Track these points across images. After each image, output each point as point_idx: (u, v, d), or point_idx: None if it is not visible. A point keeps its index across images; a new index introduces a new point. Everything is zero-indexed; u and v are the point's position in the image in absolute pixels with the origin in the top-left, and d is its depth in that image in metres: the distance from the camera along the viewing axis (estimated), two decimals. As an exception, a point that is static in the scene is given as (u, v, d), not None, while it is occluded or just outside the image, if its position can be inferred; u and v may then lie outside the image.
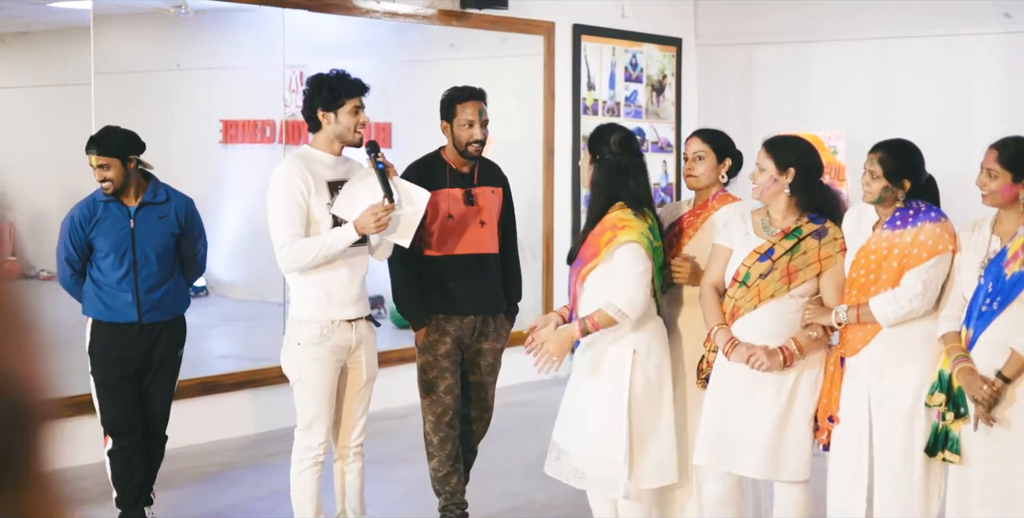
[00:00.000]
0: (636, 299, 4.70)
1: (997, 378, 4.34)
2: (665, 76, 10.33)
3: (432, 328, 5.41)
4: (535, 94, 9.36)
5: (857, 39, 9.87)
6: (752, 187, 4.80)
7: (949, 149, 8.03)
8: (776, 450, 4.72)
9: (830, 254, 4.71)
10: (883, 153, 4.60)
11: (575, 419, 4.96)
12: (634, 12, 9.98)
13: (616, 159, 4.85)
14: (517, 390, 8.54)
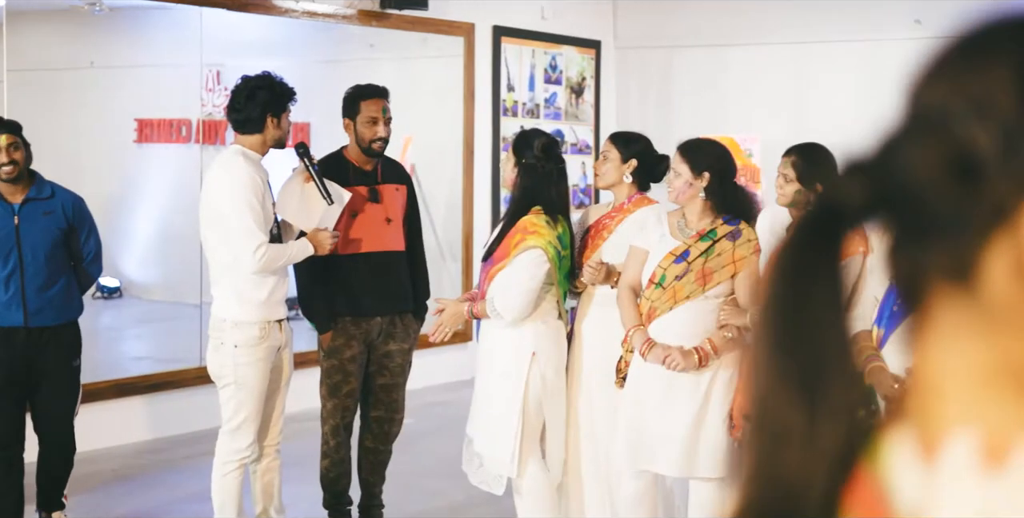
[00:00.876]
0: (514, 304, 4.91)
1: (908, 377, 4.41)
2: (584, 78, 10.38)
3: (338, 332, 5.38)
4: (455, 95, 9.36)
5: (773, 43, 9.97)
6: (668, 190, 4.86)
7: (862, 153, 8.13)
8: (693, 447, 4.77)
9: (744, 255, 4.77)
10: (796, 157, 4.67)
11: (478, 413, 5.16)
12: (554, 14, 10.01)
13: (539, 164, 5.00)
14: (437, 391, 8.55)
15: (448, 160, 9.43)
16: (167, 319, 9.27)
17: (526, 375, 4.97)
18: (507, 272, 4.95)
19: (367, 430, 5.62)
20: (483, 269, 5.10)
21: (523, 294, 4.92)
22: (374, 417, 5.58)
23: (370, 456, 5.62)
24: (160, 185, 9.01)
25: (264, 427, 5.17)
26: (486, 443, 5.08)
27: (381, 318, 5.44)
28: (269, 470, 5.22)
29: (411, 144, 9.52)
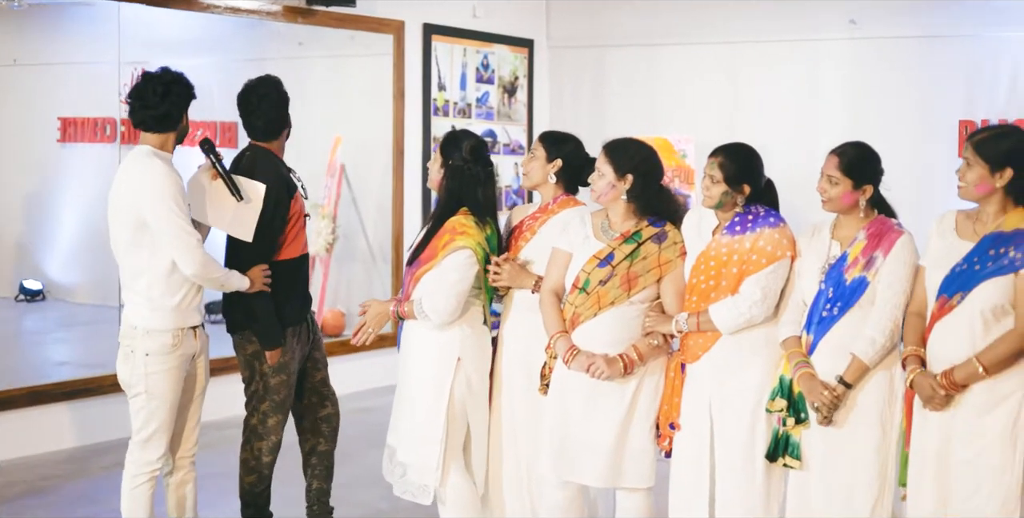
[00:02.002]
0: (442, 306, 4.80)
1: (838, 384, 4.33)
2: (517, 78, 10.25)
3: (285, 346, 5.19)
4: (385, 94, 9.20)
5: (708, 43, 9.89)
6: (591, 190, 4.74)
7: (797, 153, 8.08)
8: (618, 457, 4.66)
9: (670, 259, 4.66)
10: (722, 157, 4.56)
11: (399, 419, 5.03)
12: (486, 13, 9.88)
13: (467, 166, 4.91)
14: (361, 397, 8.39)
15: (378, 160, 9.27)
16: (91, 322, 9.04)
17: (451, 381, 4.86)
18: (435, 273, 4.83)
19: (317, 434, 5.42)
20: (408, 271, 4.96)
21: (452, 296, 4.80)
22: (324, 416, 5.42)
23: (325, 461, 5.43)
24: (84, 185, 8.81)
25: (177, 438, 4.99)
26: (410, 451, 4.94)
27: (306, 321, 5.32)
28: (183, 483, 5.05)
29: (341, 144, 9.37)
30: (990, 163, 4.12)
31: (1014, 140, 4.15)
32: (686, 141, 9.23)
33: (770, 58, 9.66)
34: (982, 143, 4.16)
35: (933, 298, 4.21)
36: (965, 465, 4.10)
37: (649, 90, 10.12)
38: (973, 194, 4.18)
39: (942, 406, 4.13)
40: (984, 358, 4.05)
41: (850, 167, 4.39)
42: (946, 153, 9.02)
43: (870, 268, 4.34)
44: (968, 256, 4.14)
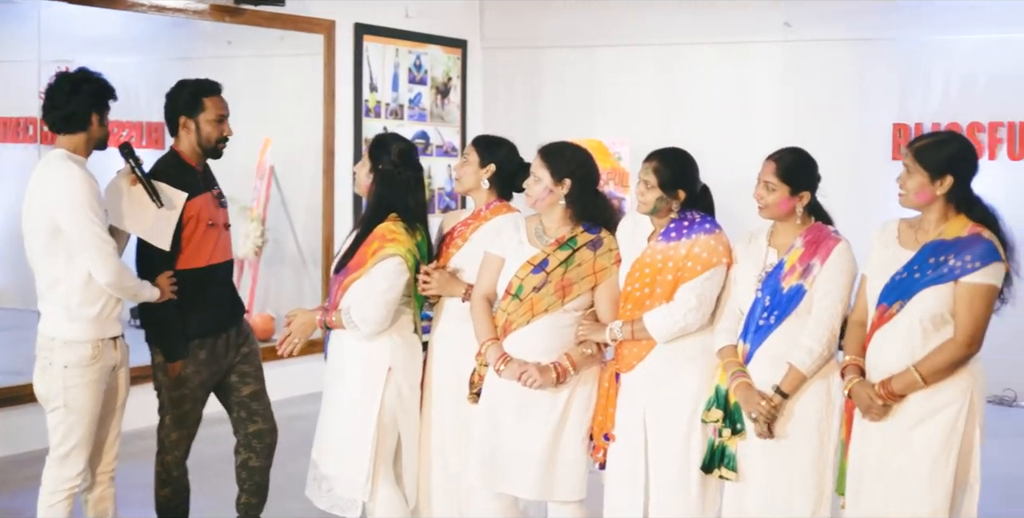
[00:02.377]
0: (371, 316, 4.69)
1: (775, 393, 4.26)
2: (450, 78, 10.14)
3: (187, 359, 4.99)
4: (315, 95, 9.06)
5: (642, 44, 9.86)
6: (526, 195, 4.63)
7: (731, 157, 8.02)
8: (550, 469, 4.56)
9: (605, 266, 4.56)
10: (657, 162, 4.48)
11: (326, 433, 4.90)
12: (418, 13, 9.77)
13: (397, 171, 4.80)
14: (289, 404, 8.23)
15: (308, 162, 9.13)
16: (12, 328, 8.82)
17: (382, 391, 4.75)
18: (364, 281, 4.71)
19: (248, 449, 5.23)
20: (336, 279, 4.83)
21: (382, 305, 4.69)
22: (254, 432, 5.22)
23: (256, 477, 5.24)
24: (3, 186, 8.60)
25: (97, 453, 4.82)
26: (337, 464, 4.82)
27: (227, 333, 5.10)
28: (103, 499, 4.87)
29: (270, 145, 9.23)
30: (930, 171, 4.05)
31: (954, 147, 4.09)
32: (620, 143, 9.16)
33: (705, 60, 9.65)
34: (922, 150, 4.09)
35: (873, 307, 4.14)
36: (900, 473, 4.05)
37: (583, 92, 10.06)
38: (913, 202, 4.12)
39: (880, 416, 4.07)
40: (922, 367, 3.99)
41: (787, 173, 4.32)
42: (880, 156, 9.06)
43: (807, 276, 4.27)
44: (908, 264, 4.08)
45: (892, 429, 4.08)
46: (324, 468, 4.86)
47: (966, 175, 4.08)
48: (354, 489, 4.77)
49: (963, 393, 4.03)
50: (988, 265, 3.95)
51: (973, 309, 3.96)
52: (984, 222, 4.05)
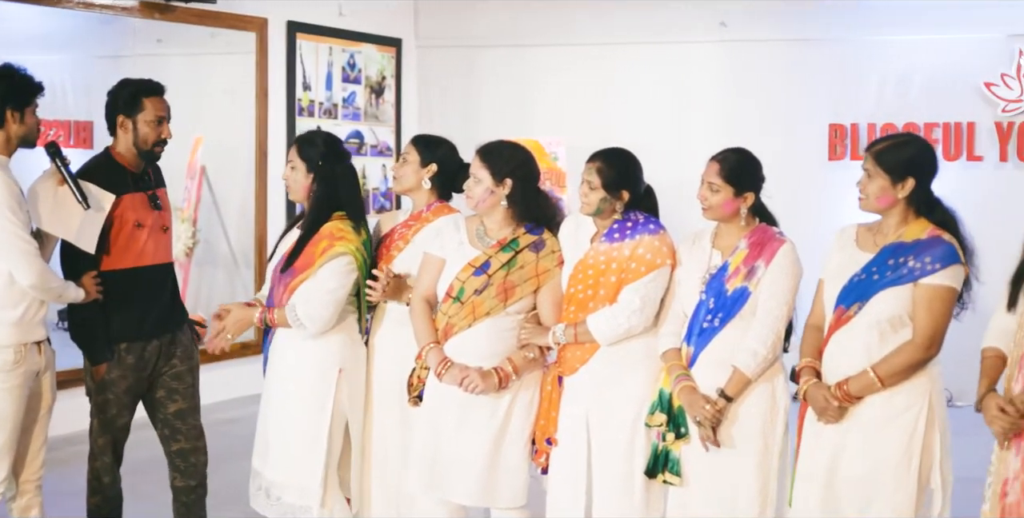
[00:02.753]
0: (318, 315, 4.60)
1: (719, 397, 4.20)
2: (385, 77, 10.03)
3: (113, 362, 4.82)
4: (247, 94, 8.92)
5: (579, 44, 9.80)
6: (467, 198, 4.54)
7: (668, 157, 7.97)
8: (491, 475, 4.48)
9: (548, 268, 4.49)
10: (601, 163, 4.41)
11: (271, 441, 4.77)
12: (352, 11, 9.65)
13: (332, 166, 4.72)
14: (225, 407, 8.11)
15: (240, 162, 8.99)
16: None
17: (334, 393, 4.65)
18: (313, 281, 4.61)
19: (173, 468, 5.05)
20: (281, 280, 4.70)
21: (330, 303, 4.60)
22: (176, 451, 5.02)
23: (182, 497, 5.06)
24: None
25: (21, 461, 4.66)
26: (288, 470, 4.69)
27: (159, 340, 4.94)
28: (28, 508, 4.72)
29: (202, 145, 9.07)
30: (891, 174, 4.00)
31: (914, 149, 4.05)
32: (557, 143, 9.11)
33: (641, 60, 9.62)
34: (883, 153, 4.03)
35: (831, 310, 4.08)
36: (858, 482, 3.98)
37: (520, 91, 10.00)
38: (875, 206, 4.06)
39: (836, 418, 4.01)
40: (880, 369, 3.94)
41: (731, 174, 4.26)
42: (816, 157, 9.06)
43: (752, 278, 4.22)
44: (867, 266, 4.02)
45: (847, 435, 4.02)
46: (272, 475, 4.73)
47: (927, 177, 4.03)
48: (307, 496, 4.66)
49: (921, 396, 3.98)
50: (948, 267, 3.91)
51: (932, 311, 3.92)
52: (944, 225, 4.01)
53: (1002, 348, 3.88)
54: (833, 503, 4.04)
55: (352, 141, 9.57)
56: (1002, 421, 3.71)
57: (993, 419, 3.72)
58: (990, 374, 3.86)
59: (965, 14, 8.64)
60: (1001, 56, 8.62)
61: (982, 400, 3.80)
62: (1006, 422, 3.70)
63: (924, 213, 4.03)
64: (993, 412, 3.72)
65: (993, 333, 3.94)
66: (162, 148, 4.89)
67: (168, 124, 4.90)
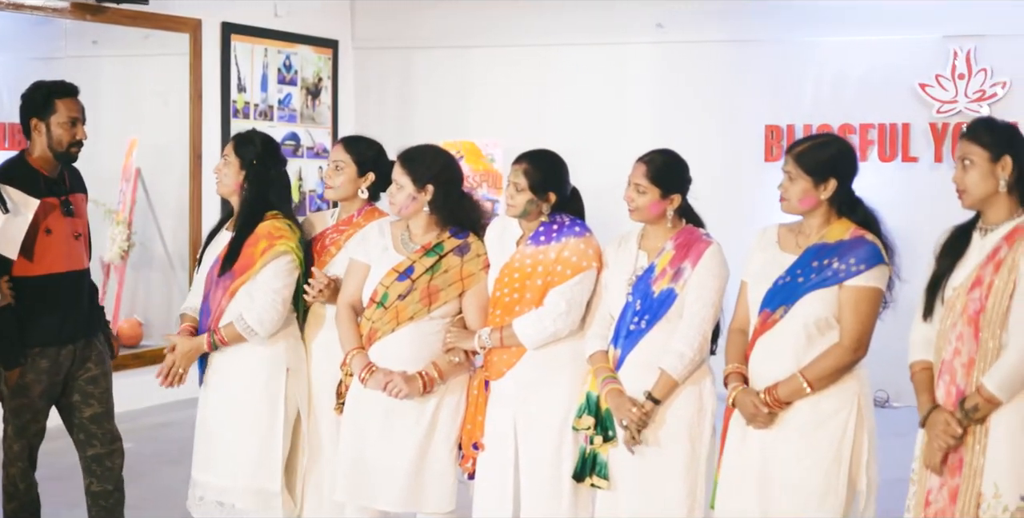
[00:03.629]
0: (268, 317, 4.55)
1: (646, 400, 4.17)
2: (321, 79, 9.96)
3: (27, 367, 4.73)
4: (181, 95, 8.83)
5: (516, 45, 9.77)
6: (390, 204, 4.50)
7: (606, 159, 7.96)
8: (418, 481, 4.44)
9: (473, 272, 4.45)
10: (527, 164, 4.38)
11: (219, 447, 4.67)
12: (287, 12, 9.57)
13: (266, 166, 4.68)
14: (158, 411, 8.02)
15: (175, 164, 8.90)
16: None
17: (284, 394, 4.60)
18: (256, 283, 4.55)
19: (90, 474, 4.96)
20: (219, 283, 4.63)
21: (279, 303, 4.55)
22: (92, 456, 4.93)
23: (100, 501, 4.96)
24: None
25: None
26: (243, 477, 4.60)
27: (73, 346, 4.84)
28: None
29: (136, 147, 8.98)
30: (813, 176, 3.97)
31: (834, 149, 4.02)
32: (494, 145, 9.08)
33: (579, 61, 9.60)
34: (803, 155, 4.00)
35: (756, 313, 4.05)
36: (790, 488, 3.95)
37: (457, 93, 9.96)
38: (797, 208, 4.02)
39: (766, 424, 3.97)
40: (808, 373, 3.90)
41: (658, 175, 4.24)
42: (753, 158, 9.08)
43: (678, 280, 4.19)
44: (791, 268, 3.99)
45: (776, 441, 3.98)
46: (223, 482, 4.64)
47: (848, 177, 4.01)
48: (265, 500, 4.61)
49: (850, 400, 3.95)
50: (873, 268, 3.89)
51: (859, 313, 3.90)
52: (866, 224, 3.99)
53: (930, 359, 3.83)
54: (764, 508, 4.00)
55: (288, 143, 9.50)
56: (949, 437, 3.67)
57: (940, 434, 3.69)
58: (928, 389, 3.81)
59: (901, 15, 8.69)
60: (936, 57, 8.67)
61: (928, 416, 3.77)
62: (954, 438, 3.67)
63: (846, 213, 4.02)
64: (942, 427, 3.69)
65: (917, 345, 3.89)
66: (78, 150, 4.81)
67: (83, 125, 4.81)
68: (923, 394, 3.82)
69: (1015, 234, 3.65)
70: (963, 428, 3.63)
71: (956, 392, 3.68)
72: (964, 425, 3.63)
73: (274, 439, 4.60)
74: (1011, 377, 3.56)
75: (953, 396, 3.68)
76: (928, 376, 3.83)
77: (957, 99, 8.58)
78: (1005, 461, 3.58)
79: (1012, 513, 3.56)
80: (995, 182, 3.69)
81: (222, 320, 4.62)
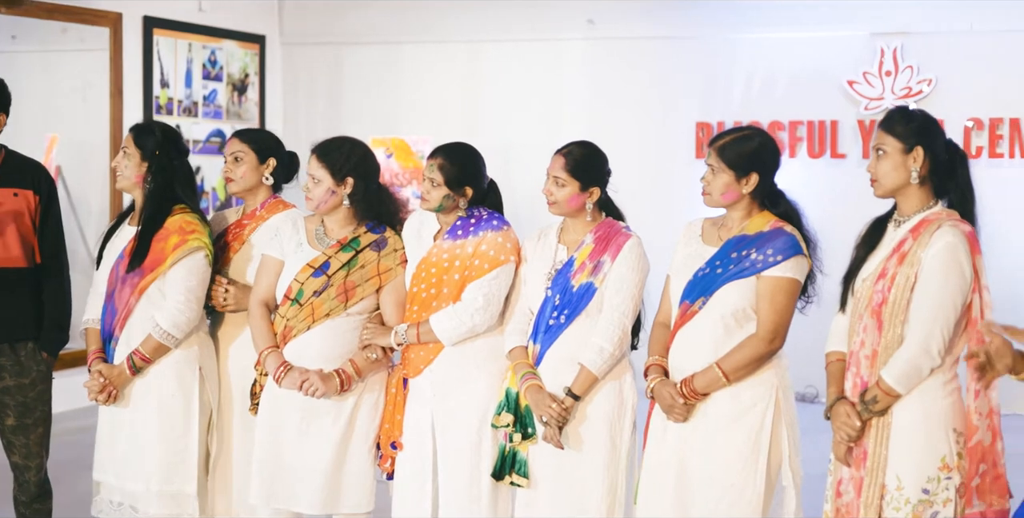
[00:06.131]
0: (184, 319, 4.43)
1: (566, 396, 4.10)
2: (248, 75, 9.83)
3: None
4: (102, 91, 8.67)
5: (447, 41, 9.71)
6: (306, 199, 4.39)
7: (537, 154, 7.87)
8: (335, 481, 4.35)
9: (390, 267, 4.37)
10: (442, 159, 4.30)
11: (130, 451, 4.54)
12: (212, 6, 9.44)
13: (171, 159, 4.55)
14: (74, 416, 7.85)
15: (96, 161, 8.74)
16: None
17: (198, 393, 4.51)
18: (169, 281, 4.43)
19: (15, 480, 4.84)
20: (127, 281, 4.48)
21: (194, 302, 4.44)
22: (13, 464, 4.81)
23: (21, 508, 4.83)
24: None
25: None
26: (159, 480, 4.48)
27: None
28: None
29: (57, 144, 8.81)
30: (735, 169, 3.93)
31: (757, 143, 3.98)
32: (424, 142, 9.01)
33: (509, 57, 9.56)
34: (725, 148, 3.95)
35: (677, 306, 4.01)
36: (707, 480, 3.91)
37: (387, 89, 9.87)
38: (719, 202, 3.98)
39: (683, 416, 3.93)
40: (725, 364, 3.87)
41: (576, 168, 4.17)
42: (684, 155, 9.07)
43: (597, 273, 4.13)
44: (711, 260, 3.96)
45: (695, 433, 3.95)
46: (133, 486, 4.51)
47: (770, 170, 3.98)
48: (180, 504, 4.51)
49: (768, 392, 3.93)
50: (790, 259, 3.86)
51: (775, 303, 3.87)
52: (787, 217, 3.97)
53: (844, 350, 3.83)
54: (682, 502, 3.96)
55: (214, 140, 9.36)
56: (849, 428, 3.65)
57: (842, 425, 3.67)
58: (838, 380, 3.80)
59: (829, 13, 8.73)
60: (864, 54, 8.70)
61: (832, 407, 3.74)
62: (853, 429, 3.65)
63: (768, 206, 3.99)
64: (843, 419, 3.67)
65: (834, 336, 3.88)
66: None
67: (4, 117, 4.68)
68: (832, 385, 3.82)
69: (920, 227, 3.65)
70: (863, 420, 3.63)
71: (860, 384, 3.68)
72: (864, 417, 3.63)
73: (190, 441, 4.49)
74: (908, 369, 3.56)
75: (858, 388, 3.69)
76: (840, 367, 3.82)
77: (884, 96, 8.61)
78: (907, 453, 3.58)
79: (914, 505, 3.57)
80: (907, 173, 3.67)
81: (128, 323, 4.47)
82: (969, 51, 8.47)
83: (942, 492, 3.56)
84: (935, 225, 3.61)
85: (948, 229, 3.59)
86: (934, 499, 3.56)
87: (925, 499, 3.56)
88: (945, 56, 8.53)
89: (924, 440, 3.58)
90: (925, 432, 3.58)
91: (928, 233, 3.60)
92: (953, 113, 8.43)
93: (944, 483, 3.56)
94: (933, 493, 3.56)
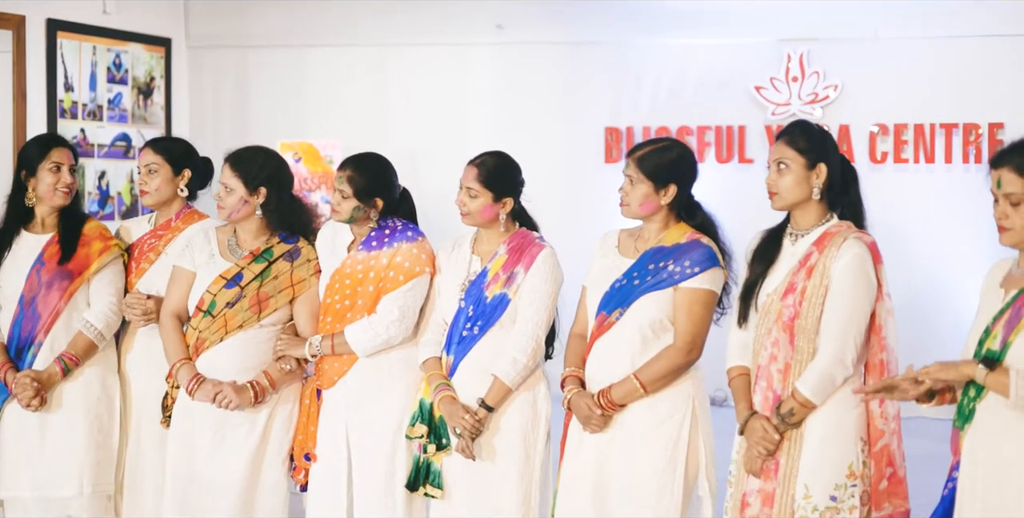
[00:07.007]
0: (115, 320, 4.51)
1: (480, 407, 4.10)
2: (154, 78, 9.69)
3: None
4: (4, 95, 8.49)
5: (355, 45, 9.64)
6: (218, 208, 4.35)
7: (445, 160, 7.87)
8: (249, 494, 4.33)
9: (303, 277, 4.34)
10: (351, 171, 4.27)
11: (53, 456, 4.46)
12: (117, 9, 9.27)
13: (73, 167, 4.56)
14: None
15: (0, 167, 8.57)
16: None
17: (119, 395, 4.53)
18: (96, 284, 4.47)
19: None
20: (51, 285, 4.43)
21: (116, 306, 4.48)
22: None
23: None
24: None
25: None
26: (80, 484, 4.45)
27: None
28: None
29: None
30: (654, 180, 3.94)
31: (675, 154, 3.99)
32: (333, 146, 8.94)
33: (418, 61, 9.51)
34: (644, 159, 3.96)
35: (593, 317, 4.01)
36: (624, 490, 3.93)
37: (295, 93, 9.78)
38: (638, 213, 3.99)
39: (600, 427, 3.94)
40: (642, 375, 3.88)
41: (489, 179, 4.17)
42: (593, 160, 9.10)
43: (511, 284, 4.14)
44: (628, 271, 3.97)
45: (612, 444, 3.96)
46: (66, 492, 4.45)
47: (688, 182, 4.00)
48: (104, 506, 4.50)
49: (684, 403, 3.95)
50: (707, 270, 3.89)
51: (692, 314, 3.89)
52: (703, 229, 3.99)
53: (747, 364, 3.85)
54: (601, 512, 3.97)
55: (119, 144, 9.22)
56: (768, 443, 3.68)
57: (759, 441, 3.70)
58: (745, 395, 3.82)
59: (736, 19, 8.79)
60: (771, 60, 8.78)
61: (747, 423, 3.77)
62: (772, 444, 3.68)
63: (685, 218, 4.01)
64: (760, 434, 3.69)
65: (734, 350, 3.90)
66: None
67: None
68: (740, 402, 3.84)
69: (824, 240, 3.69)
70: (780, 433, 3.66)
71: (773, 397, 3.71)
72: (781, 430, 3.66)
73: (114, 442, 4.52)
74: (823, 380, 3.61)
75: (770, 401, 3.72)
76: (745, 382, 3.84)
77: (791, 101, 8.71)
78: (817, 462, 3.63)
79: (821, 512, 3.61)
80: (809, 188, 3.71)
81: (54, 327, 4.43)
82: (874, 57, 8.59)
83: (848, 499, 3.62)
84: (840, 237, 3.66)
85: (854, 241, 3.65)
86: (841, 506, 3.61)
87: (833, 506, 3.61)
88: (851, 62, 8.64)
89: (834, 449, 3.63)
90: (836, 441, 3.63)
91: (835, 245, 3.65)
92: (859, 119, 8.57)
93: (850, 490, 3.62)
94: (840, 500, 3.61)
